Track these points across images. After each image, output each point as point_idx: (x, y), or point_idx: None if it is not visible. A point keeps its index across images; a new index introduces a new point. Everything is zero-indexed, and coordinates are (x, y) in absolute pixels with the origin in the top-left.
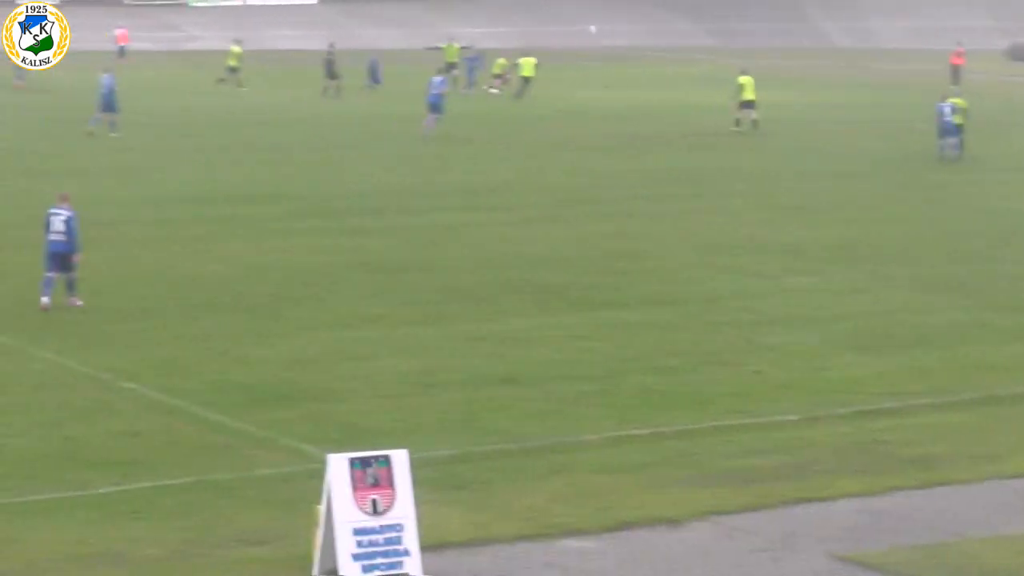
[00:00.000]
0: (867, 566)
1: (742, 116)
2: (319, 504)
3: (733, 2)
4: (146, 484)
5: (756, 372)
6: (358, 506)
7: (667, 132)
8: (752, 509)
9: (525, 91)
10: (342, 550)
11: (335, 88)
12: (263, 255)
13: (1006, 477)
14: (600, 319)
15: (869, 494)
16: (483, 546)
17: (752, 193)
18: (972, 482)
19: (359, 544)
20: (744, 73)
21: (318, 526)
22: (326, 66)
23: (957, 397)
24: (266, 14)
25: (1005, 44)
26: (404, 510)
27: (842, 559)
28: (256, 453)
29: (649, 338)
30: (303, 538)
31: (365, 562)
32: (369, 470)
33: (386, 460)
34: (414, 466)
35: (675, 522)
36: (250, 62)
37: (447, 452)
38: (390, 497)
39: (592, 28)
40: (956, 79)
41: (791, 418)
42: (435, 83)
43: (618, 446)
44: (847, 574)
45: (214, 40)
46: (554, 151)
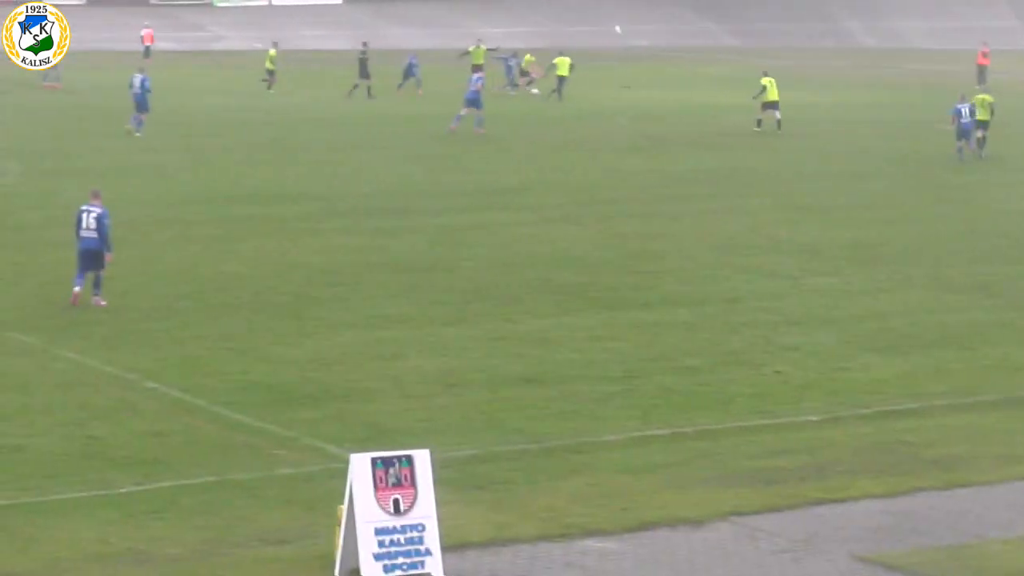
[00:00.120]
0: (889, 567)
1: (765, 117)
2: (341, 504)
3: (758, 2)
4: (168, 483)
5: (777, 372)
6: (380, 506)
7: (689, 132)
8: (774, 510)
9: (562, 91)
10: (363, 550)
11: (366, 88)
12: (287, 255)
13: None
14: (621, 319)
15: (891, 495)
16: (504, 546)
17: (772, 193)
18: (994, 483)
19: (380, 544)
20: (766, 74)
21: (340, 525)
22: (360, 65)
23: (979, 398)
24: (291, 14)
25: None
26: (426, 510)
27: (864, 560)
28: (278, 452)
29: (670, 338)
30: (325, 538)
31: (386, 562)
32: (391, 470)
33: (408, 460)
34: (436, 466)
35: (696, 522)
36: (277, 62)
37: (469, 452)
38: (412, 497)
39: (617, 28)
40: (982, 79)
41: (812, 419)
42: (473, 80)
43: (639, 446)
44: (869, 575)
45: (239, 40)
46: (576, 151)
